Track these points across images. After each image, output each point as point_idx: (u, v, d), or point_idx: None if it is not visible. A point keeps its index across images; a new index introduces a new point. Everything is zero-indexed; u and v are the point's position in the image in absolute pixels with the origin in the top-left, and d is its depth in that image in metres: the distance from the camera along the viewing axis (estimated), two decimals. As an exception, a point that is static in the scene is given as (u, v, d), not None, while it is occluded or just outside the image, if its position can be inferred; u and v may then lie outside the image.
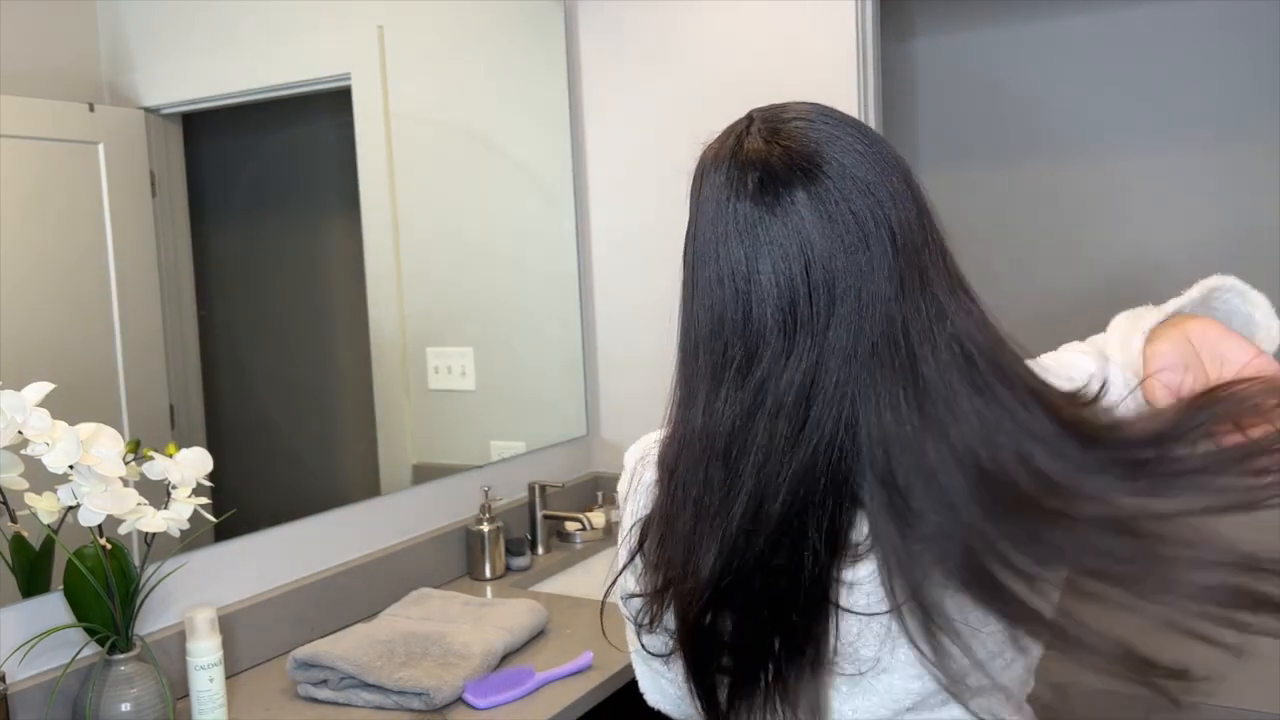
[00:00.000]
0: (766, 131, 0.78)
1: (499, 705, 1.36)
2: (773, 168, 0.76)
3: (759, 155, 0.77)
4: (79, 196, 1.36)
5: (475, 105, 2.08)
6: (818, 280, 0.74)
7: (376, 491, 1.80)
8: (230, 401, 1.58)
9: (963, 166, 2.97)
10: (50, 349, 1.33)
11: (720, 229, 0.77)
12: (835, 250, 0.74)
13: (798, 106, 0.80)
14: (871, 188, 0.75)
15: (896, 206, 0.75)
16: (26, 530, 1.25)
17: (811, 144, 0.76)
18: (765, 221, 0.75)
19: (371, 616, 1.64)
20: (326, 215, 1.84)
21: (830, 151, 0.76)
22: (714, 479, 0.76)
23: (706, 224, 0.79)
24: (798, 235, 0.74)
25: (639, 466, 0.88)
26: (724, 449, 0.76)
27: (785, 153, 0.76)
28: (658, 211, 2.20)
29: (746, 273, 0.76)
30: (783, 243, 0.75)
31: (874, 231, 0.74)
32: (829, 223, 0.74)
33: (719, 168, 0.79)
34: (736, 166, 0.78)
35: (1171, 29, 2.72)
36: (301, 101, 1.73)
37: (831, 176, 0.75)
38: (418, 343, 1.95)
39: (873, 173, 0.75)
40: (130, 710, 1.21)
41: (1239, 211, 2.69)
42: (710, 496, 0.76)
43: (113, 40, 1.40)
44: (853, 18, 1.97)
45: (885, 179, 0.76)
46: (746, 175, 0.77)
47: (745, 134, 0.80)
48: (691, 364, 0.80)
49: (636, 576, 0.86)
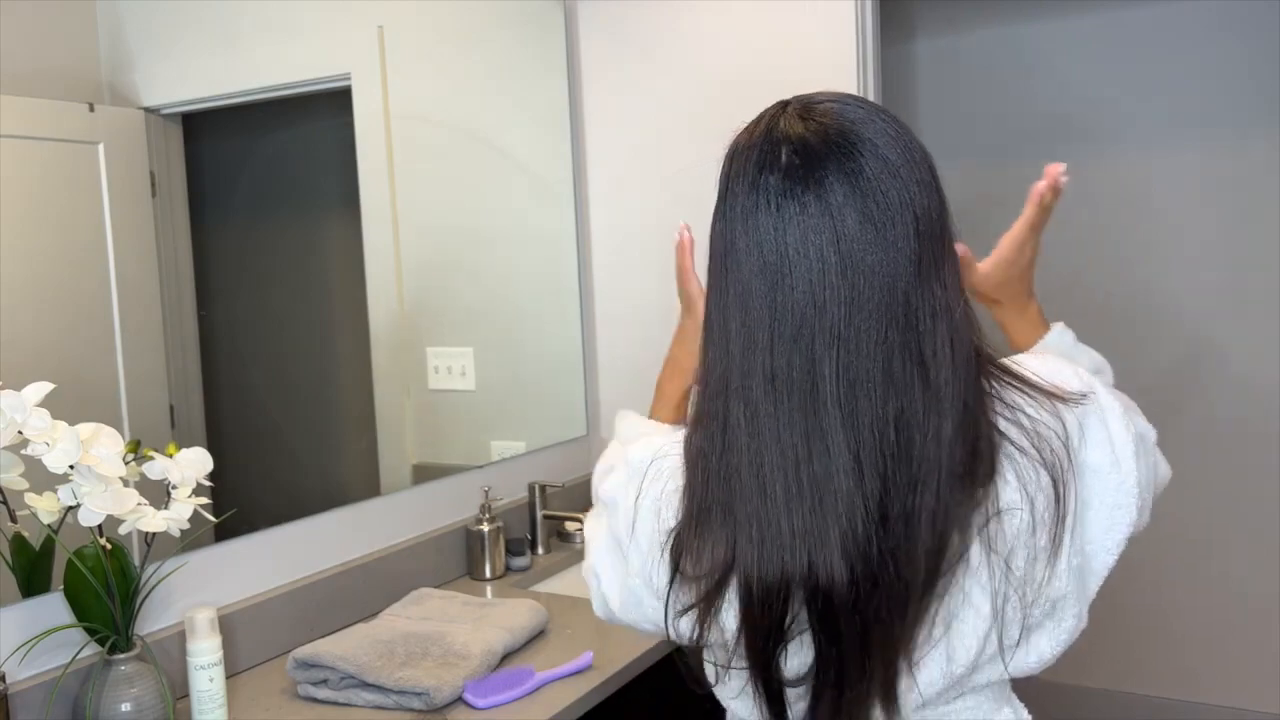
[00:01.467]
0: (802, 110, 0.80)
1: (499, 705, 1.36)
2: (809, 143, 0.77)
3: (795, 133, 0.78)
4: (79, 196, 1.36)
5: (475, 105, 2.08)
6: (847, 255, 0.75)
7: (376, 491, 1.80)
8: (230, 401, 1.58)
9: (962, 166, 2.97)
10: (50, 349, 1.33)
11: (751, 202, 0.78)
12: (866, 227, 0.75)
13: (830, 93, 0.82)
14: (901, 171, 0.77)
15: (923, 194, 0.77)
16: (26, 530, 1.25)
17: (847, 123, 0.78)
18: (798, 195, 0.76)
19: (371, 616, 1.65)
20: (326, 215, 1.84)
21: (865, 133, 0.77)
22: (794, 429, 0.75)
23: (737, 200, 0.80)
24: (829, 211, 0.76)
25: (651, 478, 0.85)
26: (791, 392, 0.76)
27: (821, 129, 0.78)
28: (658, 211, 2.20)
29: (776, 245, 0.77)
30: (816, 217, 0.76)
31: (900, 215, 0.76)
32: (862, 198, 0.75)
33: (753, 146, 0.80)
34: (770, 143, 0.79)
35: (1172, 29, 2.72)
36: (301, 101, 1.73)
37: (866, 155, 0.76)
38: (418, 343, 1.95)
39: (903, 158, 0.77)
40: (130, 710, 1.21)
41: (1239, 212, 2.69)
42: (788, 451, 0.75)
43: (113, 40, 1.40)
44: (853, 18, 1.97)
45: (914, 166, 0.78)
46: (780, 150, 0.78)
47: (780, 115, 0.81)
48: (722, 342, 0.80)
49: (655, 579, 0.84)
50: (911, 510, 0.74)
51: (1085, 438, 0.81)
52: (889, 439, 0.74)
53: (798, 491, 0.75)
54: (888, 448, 0.74)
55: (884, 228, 0.75)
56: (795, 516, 0.75)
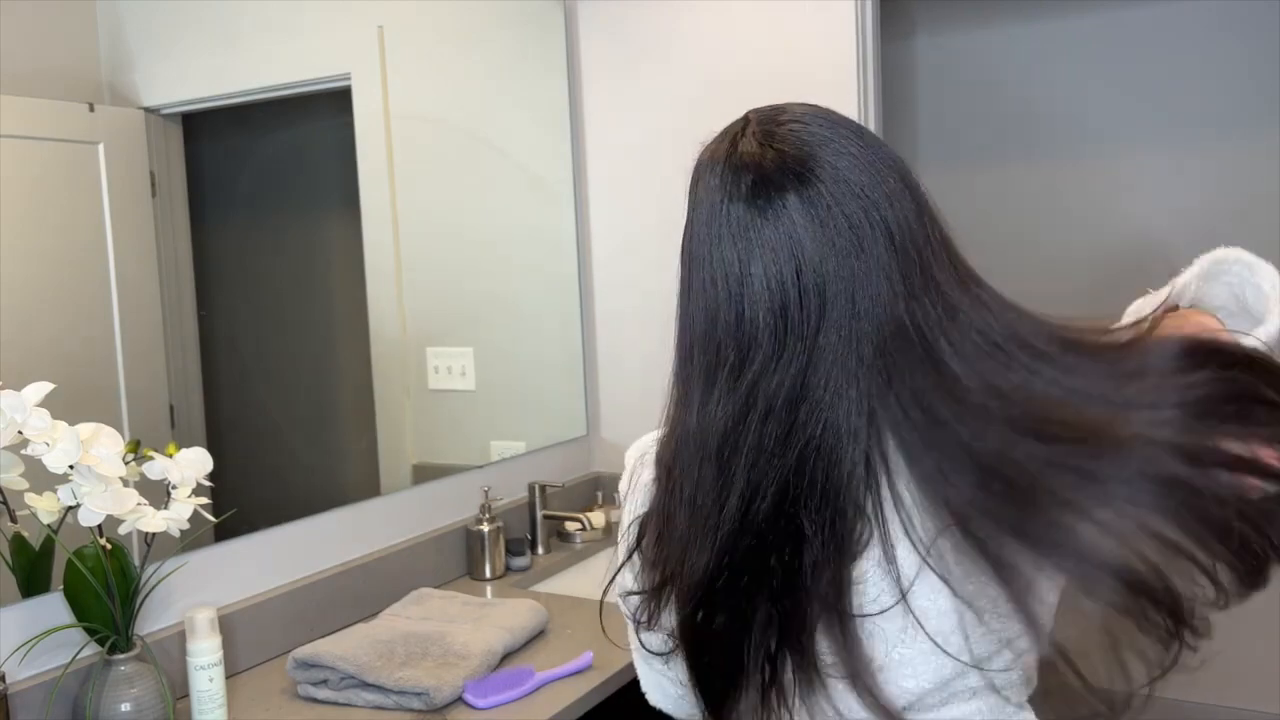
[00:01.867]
0: (761, 134, 0.79)
1: (499, 705, 1.36)
2: (765, 171, 0.76)
3: (753, 158, 0.77)
4: (79, 196, 1.36)
5: (475, 105, 2.08)
6: (808, 284, 0.74)
7: (376, 491, 1.80)
8: (230, 401, 1.58)
9: (962, 166, 2.97)
10: (50, 349, 1.33)
11: (714, 230, 0.78)
12: (827, 254, 0.74)
13: (794, 108, 0.80)
14: (865, 189, 0.75)
15: (893, 207, 0.76)
16: (26, 530, 1.25)
17: (805, 147, 0.76)
18: (757, 224, 0.76)
19: (371, 616, 1.64)
20: (326, 215, 1.84)
21: (823, 154, 0.76)
22: (707, 478, 0.77)
23: (701, 225, 0.80)
24: (789, 239, 0.75)
25: (638, 465, 0.89)
26: (717, 449, 0.77)
27: (779, 156, 0.77)
28: (658, 211, 2.20)
29: (739, 275, 0.76)
30: (774, 246, 0.75)
31: (869, 234, 0.74)
32: (820, 226, 0.74)
33: (714, 169, 0.80)
34: (730, 169, 0.78)
35: (1172, 29, 2.72)
36: (301, 101, 1.73)
37: (824, 180, 0.75)
38: (418, 343, 1.95)
39: (867, 174, 0.76)
40: (130, 710, 1.21)
41: (1239, 212, 2.69)
42: (703, 496, 0.77)
43: (113, 40, 1.40)
44: (853, 18, 1.97)
45: (881, 180, 0.76)
46: (740, 178, 0.77)
47: (740, 136, 0.80)
48: (687, 364, 0.81)
49: (635, 574, 0.87)
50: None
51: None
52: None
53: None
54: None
55: (848, 255, 0.74)
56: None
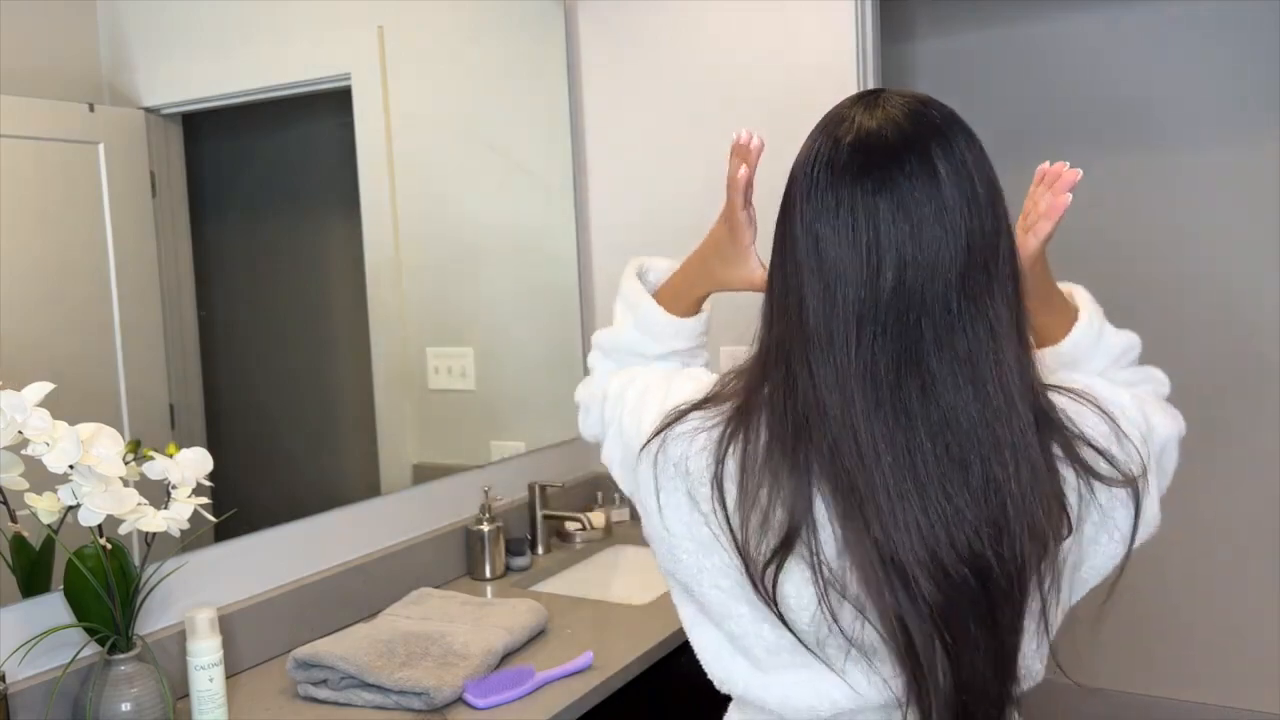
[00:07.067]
0: (871, 106, 0.82)
1: (499, 705, 1.36)
2: (885, 139, 0.79)
3: (864, 133, 0.80)
4: (79, 196, 1.36)
5: (475, 105, 2.08)
6: (900, 258, 0.76)
7: (376, 491, 1.80)
8: (230, 401, 1.58)
9: (963, 166, 2.96)
10: (50, 349, 1.33)
11: (815, 204, 0.80)
12: (920, 231, 0.76)
13: (909, 93, 0.83)
14: (966, 185, 0.78)
15: (978, 215, 0.78)
16: (26, 530, 1.24)
17: (916, 128, 0.79)
18: (858, 197, 0.78)
19: (371, 616, 1.64)
20: (326, 215, 1.84)
21: (933, 140, 0.78)
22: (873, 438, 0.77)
23: (801, 194, 0.81)
24: (890, 213, 0.77)
25: (683, 436, 0.87)
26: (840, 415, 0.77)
27: (897, 129, 0.79)
28: (658, 211, 2.20)
29: (867, 233, 0.77)
30: (873, 218, 0.77)
31: (957, 226, 0.77)
32: (920, 204, 0.77)
33: (825, 139, 0.82)
34: (833, 140, 0.81)
35: (1174, 29, 2.72)
36: (302, 101, 1.73)
37: (938, 159, 0.78)
38: (418, 343, 1.95)
39: (969, 174, 0.78)
40: (130, 710, 1.22)
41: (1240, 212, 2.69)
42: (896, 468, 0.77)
43: (113, 40, 1.40)
44: (853, 18, 1.97)
45: (980, 183, 0.79)
46: (846, 150, 0.79)
47: (855, 107, 0.82)
48: (781, 327, 0.82)
49: (723, 527, 0.84)
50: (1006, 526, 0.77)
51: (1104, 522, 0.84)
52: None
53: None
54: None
55: (936, 244, 0.77)
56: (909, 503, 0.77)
